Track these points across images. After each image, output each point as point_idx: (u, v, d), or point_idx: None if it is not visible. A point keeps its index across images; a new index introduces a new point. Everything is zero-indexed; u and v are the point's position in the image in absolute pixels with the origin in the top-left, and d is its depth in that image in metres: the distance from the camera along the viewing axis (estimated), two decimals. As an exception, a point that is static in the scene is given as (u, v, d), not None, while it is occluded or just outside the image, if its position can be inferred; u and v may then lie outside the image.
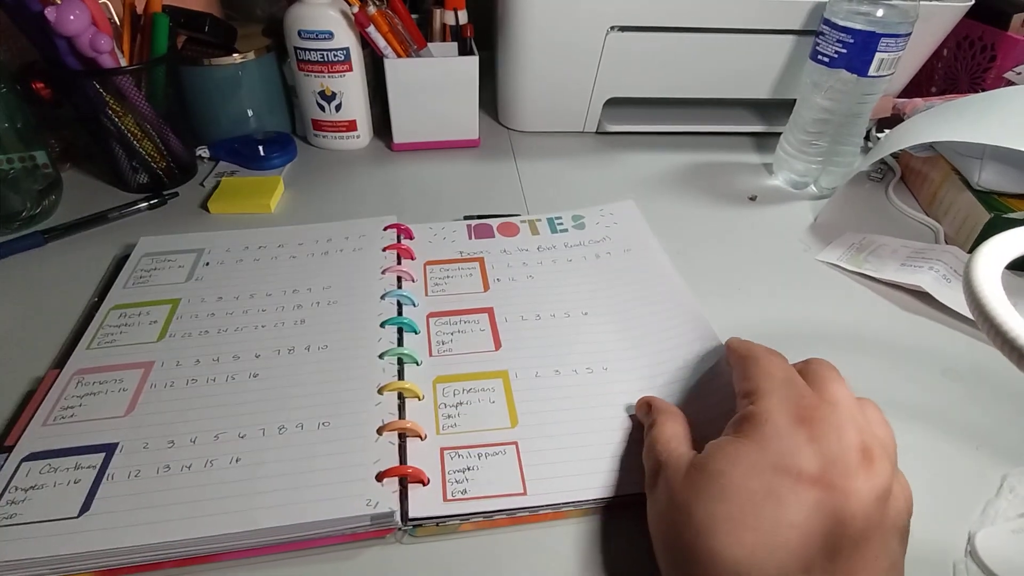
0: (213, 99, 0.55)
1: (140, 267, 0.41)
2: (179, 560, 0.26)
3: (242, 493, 0.27)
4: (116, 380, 0.32)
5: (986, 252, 0.26)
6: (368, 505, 0.26)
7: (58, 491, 0.27)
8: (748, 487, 0.22)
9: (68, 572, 0.25)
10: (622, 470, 0.29)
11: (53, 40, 0.42)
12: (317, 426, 0.30)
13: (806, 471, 0.22)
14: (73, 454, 0.28)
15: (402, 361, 0.34)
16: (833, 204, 0.51)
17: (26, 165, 0.46)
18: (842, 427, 0.23)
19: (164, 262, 0.41)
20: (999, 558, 0.26)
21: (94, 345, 0.35)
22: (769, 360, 0.27)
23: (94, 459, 0.28)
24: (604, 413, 0.31)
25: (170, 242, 0.43)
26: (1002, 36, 0.57)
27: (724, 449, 0.24)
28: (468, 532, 0.27)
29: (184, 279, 0.40)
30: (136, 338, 0.35)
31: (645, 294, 0.39)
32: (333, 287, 0.39)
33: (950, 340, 0.39)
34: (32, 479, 0.27)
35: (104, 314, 0.37)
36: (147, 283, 0.39)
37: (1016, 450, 0.32)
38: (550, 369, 0.34)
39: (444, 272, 0.41)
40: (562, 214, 0.47)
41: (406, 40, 0.54)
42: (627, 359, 0.35)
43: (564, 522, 0.28)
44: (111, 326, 0.36)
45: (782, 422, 0.23)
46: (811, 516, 0.21)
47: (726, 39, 0.56)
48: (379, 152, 0.59)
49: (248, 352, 0.34)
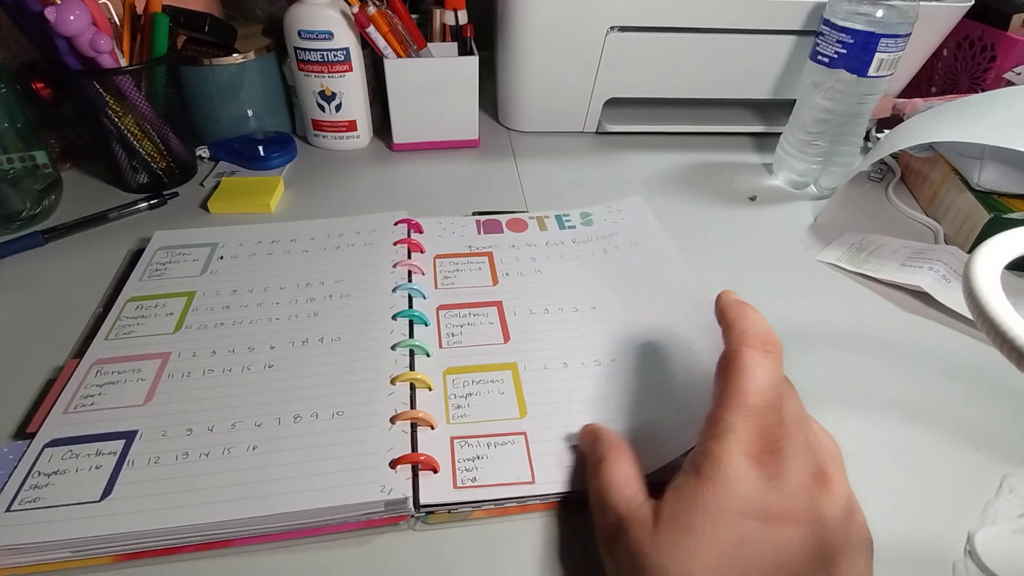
0: (213, 99, 0.55)
1: (156, 260, 0.41)
2: (197, 545, 0.26)
3: (259, 480, 0.27)
4: (134, 370, 0.33)
5: (986, 252, 0.25)
6: (382, 492, 0.27)
7: (80, 476, 0.27)
8: (719, 537, 0.21)
9: (90, 555, 0.26)
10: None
11: (53, 40, 0.42)
12: (331, 415, 0.30)
13: (772, 510, 0.21)
14: (94, 440, 0.29)
15: (413, 353, 0.34)
16: (833, 204, 0.51)
17: (26, 165, 0.46)
18: (802, 456, 0.23)
19: (179, 256, 0.42)
20: (999, 558, 0.26)
21: (112, 336, 0.35)
22: (755, 380, 0.23)
23: (114, 446, 0.29)
24: (612, 404, 0.32)
25: (185, 236, 0.44)
26: (1002, 36, 0.57)
27: (689, 497, 0.22)
28: (479, 519, 0.28)
29: (199, 272, 0.40)
30: (153, 329, 0.36)
31: (654, 287, 0.39)
32: (345, 280, 0.39)
33: (950, 340, 0.39)
34: (54, 465, 0.28)
35: (121, 306, 0.37)
36: (163, 276, 0.40)
37: (1016, 450, 0.32)
38: (559, 361, 0.34)
39: (453, 265, 0.42)
40: (570, 211, 0.47)
41: (406, 40, 0.54)
42: (635, 351, 0.35)
43: (573, 510, 0.28)
44: (128, 318, 0.37)
45: (743, 465, 0.22)
46: (784, 553, 0.21)
47: (726, 39, 0.56)
48: (379, 152, 0.59)
49: (263, 344, 0.35)
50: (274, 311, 0.37)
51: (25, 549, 0.25)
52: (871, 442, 0.32)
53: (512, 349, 0.35)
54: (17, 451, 0.29)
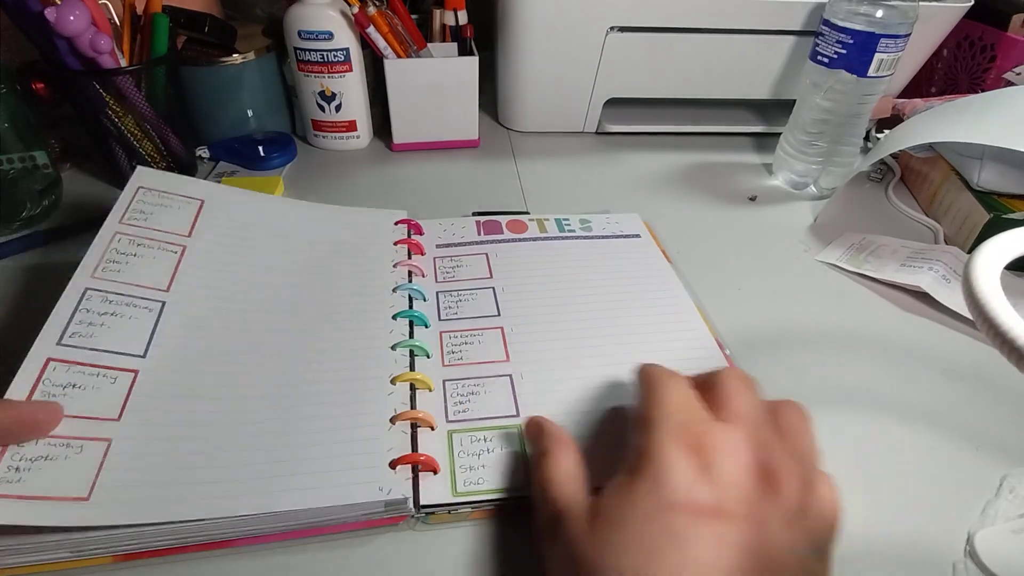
0: (213, 99, 0.55)
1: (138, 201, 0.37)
2: (196, 545, 0.26)
3: (258, 476, 0.27)
4: (106, 375, 0.30)
5: (985, 252, 0.25)
6: (381, 491, 0.27)
7: (62, 470, 0.25)
8: (648, 531, 0.21)
9: (90, 555, 0.25)
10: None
11: (53, 40, 0.42)
12: (331, 415, 0.30)
13: (703, 503, 0.20)
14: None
15: (414, 353, 0.34)
16: (833, 204, 0.51)
17: (26, 165, 0.46)
18: (737, 450, 0.22)
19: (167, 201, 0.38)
20: (999, 558, 0.26)
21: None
22: (666, 386, 0.25)
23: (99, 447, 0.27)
24: (604, 405, 0.32)
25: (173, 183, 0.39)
26: (1002, 36, 0.57)
27: (621, 492, 0.22)
28: (479, 520, 0.28)
29: (186, 231, 0.37)
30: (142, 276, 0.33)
31: (648, 303, 0.39)
32: (345, 278, 0.39)
33: (950, 340, 0.39)
34: (37, 451, 0.26)
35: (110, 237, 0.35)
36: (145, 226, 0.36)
37: (1016, 450, 0.32)
38: (555, 365, 0.34)
39: (453, 263, 0.42)
40: (569, 216, 0.47)
41: (406, 40, 0.54)
42: (627, 360, 0.35)
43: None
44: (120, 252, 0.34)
45: (671, 455, 0.22)
46: (718, 552, 0.20)
47: (726, 39, 0.56)
48: (379, 152, 0.59)
49: (262, 343, 0.34)
50: (274, 307, 0.36)
51: (25, 549, 0.25)
52: (871, 442, 0.32)
53: (510, 353, 0.35)
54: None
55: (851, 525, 0.29)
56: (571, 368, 0.34)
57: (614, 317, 0.38)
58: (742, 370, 0.26)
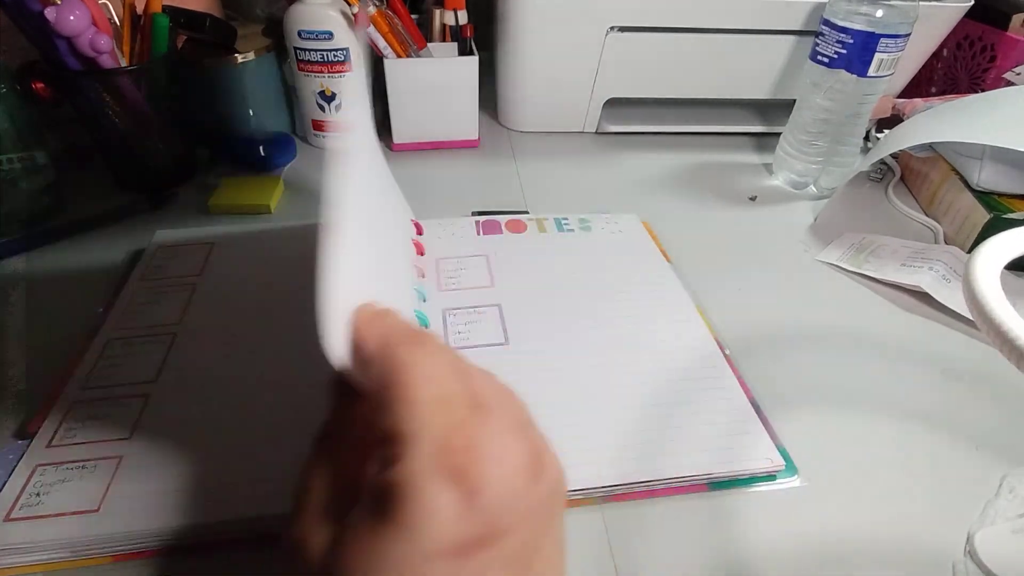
0: (213, 99, 0.55)
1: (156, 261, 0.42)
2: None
3: (258, 477, 0.28)
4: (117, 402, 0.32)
5: (985, 252, 0.25)
6: None
7: (68, 485, 0.27)
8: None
9: (89, 555, 0.26)
10: (624, 460, 0.30)
11: (53, 40, 0.42)
12: None
13: (469, 539, 0.16)
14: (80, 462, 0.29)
15: None
16: (833, 204, 0.51)
17: (26, 165, 0.46)
18: (505, 454, 0.17)
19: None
20: (999, 558, 0.26)
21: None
22: (415, 366, 0.18)
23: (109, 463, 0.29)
24: (603, 404, 0.32)
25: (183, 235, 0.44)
26: (1002, 36, 0.57)
27: (366, 546, 0.16)
28: None
29: (198, 271, 0.41)
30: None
31: (647, 303, 0.39)
32: None
33: (950, 340, 0.39)
34: (49, 478, 0.28)
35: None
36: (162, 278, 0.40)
37: (1016, 450, 0.32)
38: (554, 364, 0.35)
39: (456, 264, 0.42)
40: (568, 216, 0.47)
41: (406, 40, 0.54)
42: (626, 360, 0.35)
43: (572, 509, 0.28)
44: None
45: (433, 493, 0.16)
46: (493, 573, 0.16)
47: (726, 39, 0.56)
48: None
49: (264, 344, 0.35)
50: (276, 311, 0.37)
51: (25, 549, 0.25)
52: (871, 442, 0.32)
53: (510, 350, 0.35)
54: (17, 451, 0.29)
55: (851, 525, 0.29)
56: (571, 369, 0.34)
57: (612, 318, 0.38)
58: (430, 341, 0.19)
